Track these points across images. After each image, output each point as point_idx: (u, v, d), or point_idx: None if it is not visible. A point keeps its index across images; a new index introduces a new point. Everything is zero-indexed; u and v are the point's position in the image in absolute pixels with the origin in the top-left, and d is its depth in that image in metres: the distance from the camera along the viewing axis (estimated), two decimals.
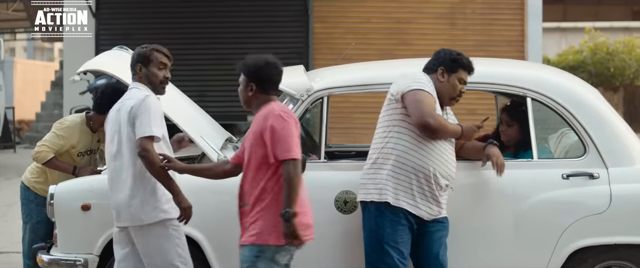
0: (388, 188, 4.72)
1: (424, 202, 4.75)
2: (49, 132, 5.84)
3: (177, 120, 5.24)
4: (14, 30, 25.40)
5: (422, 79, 4.80)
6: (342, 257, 5.08)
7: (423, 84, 4.75)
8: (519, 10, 15.00)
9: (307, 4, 14.42)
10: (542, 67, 6.51)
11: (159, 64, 4.82)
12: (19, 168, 5.91)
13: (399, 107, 4.75)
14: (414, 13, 14.98)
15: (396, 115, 4.77)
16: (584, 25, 25.57)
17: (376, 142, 4.85)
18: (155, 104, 4.71)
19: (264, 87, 4.48)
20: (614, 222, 4.99)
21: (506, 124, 5.47)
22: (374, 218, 4.75)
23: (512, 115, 5.43)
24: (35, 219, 5.87)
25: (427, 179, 4.72)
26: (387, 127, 4.80)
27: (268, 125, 4.30)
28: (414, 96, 4.69)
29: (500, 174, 4.88)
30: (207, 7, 14.32)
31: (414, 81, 4.76)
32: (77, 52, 13.80)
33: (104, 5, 14.44)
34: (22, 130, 22.39)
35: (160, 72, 4.83)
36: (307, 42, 14.52)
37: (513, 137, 5.45)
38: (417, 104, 4.66)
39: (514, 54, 14.57)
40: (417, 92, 4.70)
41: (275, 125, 4.29)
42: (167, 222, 4.74)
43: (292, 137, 4.29)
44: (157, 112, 4.71)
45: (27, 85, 26.95)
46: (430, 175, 4.72)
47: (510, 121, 5.45)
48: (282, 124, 4.29)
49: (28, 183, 5.91)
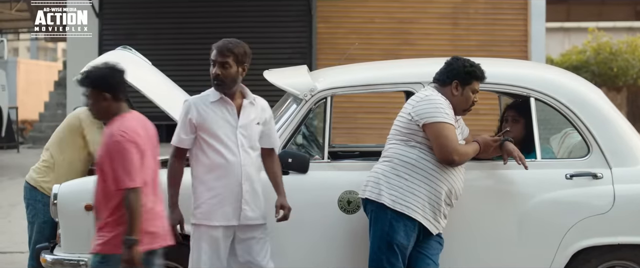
0: (415, 204, 4.72)
1: (437, 217, 4.80)
2: (94, 129, 5.70)
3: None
4: (17, 30, 25.46)
5: (442, 106, 4.75)
6: (345, 256, 5.07)
7: (445, 114, 4.72)
8: (522, 10, 15.00)
9: (311, 4, 14.44)
10: (546, 67, 6.51)
11: (211, 62, 4.80)
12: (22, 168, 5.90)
13: (420, 131, 4.75)
14: (417, 13, 14.99)
15: (418, 136, 4.77)
16: (588, 25, 25.53)
17: (398, 150, 4.80)
18: (183, 110, 4.80)
19: (117, 94, 4.36)
20: (618, 222, 4.98)
21: (513, 120, 5.43)
22: (389, 220, 4.74)
23: (519, 111, 5.39)
24: (41, 219, 5.79)
25: (448, 196, 4.79)
26: (408, 141, 4.78)
27: (106, 151, 4.23)
28: (438, 131, 4.69)
29: (526, 167, 4.89)
30: (211, 7, 14.35)
31: (436, 110, 4.73)
32: (80, 52, 13.82)
33: (108, 5, 14.47)
34: (26, 130, 22.41)
35: (212, 69, 4.79)
36: (310, 42, 14.54)
37: (518, 134, 5.40)
38: (441, 140, 4.68)
39: (517, 54, 14.58)
40: (441, 126, 4.69)
41: (112, 150, 4.21)
42: (195, 227, 4.80)
43: (131, 163, 4.20)
44: (182, 117, 4.80)
45: (30, 85, 26.96)
46: (451, 194, 4.79)
47: (518, 116, 5.41)
48: (119, 147, 4.19)
49: (34, 183, 5.86)
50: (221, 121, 4.74)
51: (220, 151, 4.72)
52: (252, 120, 4.78)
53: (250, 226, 4.79)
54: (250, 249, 4.81)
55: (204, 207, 4.75)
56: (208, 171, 4.75)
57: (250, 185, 4.75)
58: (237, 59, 4.73)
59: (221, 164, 4.71)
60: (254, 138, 4.79)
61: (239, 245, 4.81)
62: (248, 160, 4.74)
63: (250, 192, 4.75)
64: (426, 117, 4.72)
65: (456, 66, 4.87)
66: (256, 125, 4.80)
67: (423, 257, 4.86)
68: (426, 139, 4.75)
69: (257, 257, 4.80)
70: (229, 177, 4.71)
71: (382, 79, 5.40)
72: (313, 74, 5.82)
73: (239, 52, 4.74)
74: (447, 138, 4.68)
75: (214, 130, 4.74)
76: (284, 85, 5.29)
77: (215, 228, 4.76)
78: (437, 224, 4.82)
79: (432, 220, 4.79)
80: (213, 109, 4.76)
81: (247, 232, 4.79)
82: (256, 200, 4.79)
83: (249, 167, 4.74)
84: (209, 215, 4.75)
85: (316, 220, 5.02)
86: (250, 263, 4.82)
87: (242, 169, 4.71)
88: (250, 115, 4.79)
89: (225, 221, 4.74)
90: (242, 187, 4.72)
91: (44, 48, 42.42)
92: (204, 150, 4.76)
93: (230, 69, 4.72)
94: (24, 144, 20.07)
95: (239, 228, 4.77)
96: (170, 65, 12.65)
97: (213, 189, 4.73)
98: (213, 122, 4.74)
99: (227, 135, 4.73)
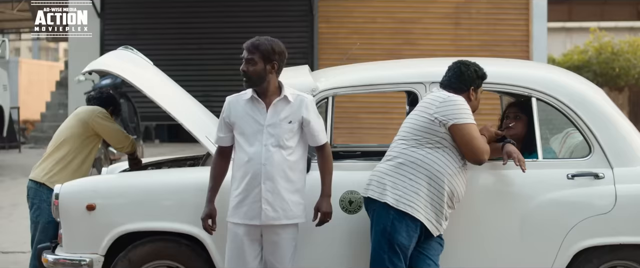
0: (418, 204, 4.73)
1: (439, 219, 4.81)
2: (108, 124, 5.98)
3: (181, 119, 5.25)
4: (18, 30, 25.47)
5: (466, 108, 4.80)
6: (346, 256, 5.07)
7: (470, 115, 4.80)
8: (524, 10, 15.00)
9: (312, 4, 14.44)
10: (547, 67, 6.50)
11: (242, 59, 4.81)
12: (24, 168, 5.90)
13: (442, 131, 4.77)
14: (419, 13, 15.00)
15: (438, 136, 4.77)
16: (589, 25, 25.53)
17: (405, 150, 4.81)
18: (223, 108, 4.88)
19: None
20: (619, 222, 4.98)
21: (514, 117, 5.42)
22: (391, 220, 4.75)
23: (521, 108, 5.39)
24: (46, 219, 5.78)
25: (450, 198, 4.81)
26: (421, 141, 4.79)
27: None
28: (469, 132, 4.75)
29: (524, 169, 4.90)
30: (212, 7, 14.35)
31: (461, 111, 4.77)
32: (82, 52, 13.84)
33: (109, 5, 14.48)
34: (27, 130, 22.42)
35: (242, 66, 4.80)
36: (312, 42, 14.54)
37: (519, 133, 5.38)
38: (472, 140, 4.74)
39: (518, 54, 14.58)
40: (470, 127, 4.76)
41: None
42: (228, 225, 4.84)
43: None
44: (221, 116, 4.88)
45: (32, 85, 27.00)
46: (453, 196, 4.81)
47: (520, 114, 5.39)
48: None
49: (42, 181, 5.86)
50: (249, 119, 4.76)
51: (246, 149, 4.75)
52: (282, 119, 4.76)
53: (275, 226, 4.77)
54: (274, 251, 4.80)
55: (231, 204, 4.79)
56: (237, 169, 4.79)
57: (273, 184, 4.73)
58: (263, 56, 4.74)
59: (245, 163, 4.74)
60: (283, 136, 4.75)
61: (265, 245, 4.82)
62: (272, 159, 4.71)
63: (272, 191, 4.73)
64: (455, 118, 4.74)
65: (469, 73, 4.92)
66: (288, 123, 4.76)
67: (423, 257, 4.86)
68: (444, 140, 4.77)
69: (278, 258, 4.80)
70: (251, 175, 4.72)
71: (384, 79, 5.40)
72: (314, 74, 5.83)
73: (265, 49, 4.74)
74: (478, 139, 4.77)
75: (242, 128, 4.77)
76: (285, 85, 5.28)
77: (237, 226, 4.78)
78: (438, 226, 4.82)
79: (434, 221, 4.78)
80: (244, 107, 4.79)
81: (273, 233, 4.78)
82: (280, 200, 4.75)
83: (272, 167, 4.72)
84: (232, 212, 4.79)
85: None
86: (271, 264, 4.83)
87: (263, 168, 4.71)
88: (280, 114, 4.77)
89: (247, 220, 4.75)
90: (262, 186, 4.72)
91: (46, 48, 42.46)
92: (237, 148, 4.81)
93: (255, 65, 4.73)
94: (26, 144, 20.07)
95: (265, 228, 4.77)
96: (172, 65, 12.66)
97: (239, 187, 4.76)
98: (242, 120, 4.77)
99: (254, 134, 4.75)
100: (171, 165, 6.33)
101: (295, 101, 4.80)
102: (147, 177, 5.64)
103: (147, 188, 5.26)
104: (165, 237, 5.17)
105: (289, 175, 4.77)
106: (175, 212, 5.02)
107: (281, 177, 4.74)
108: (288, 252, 4.81)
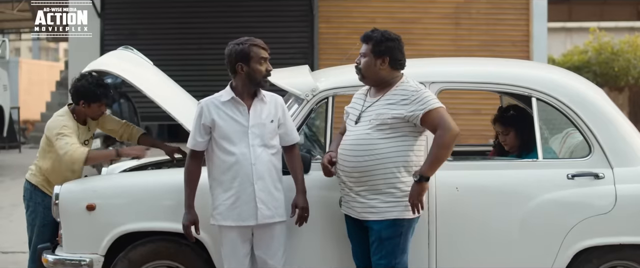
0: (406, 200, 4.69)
1: None
2: (60, 138, 5.50)
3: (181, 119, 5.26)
4: (19, 30, 25.46)
5: (429, 93, 4.72)
6: (346, 257, 5.07)
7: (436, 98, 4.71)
8: (524, 10, 14.98)
9: (312, 4, 14.43)
10: (548, 67, 6.51)
11: (260, 60, 4.80)
12: (24, 168, 5.89)
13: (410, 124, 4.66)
14: (419, 13, 14.98)
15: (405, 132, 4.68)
16: (589, 25, 25.51)
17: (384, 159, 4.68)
18: (196, 112, 4.83)
19: None
20: (619, 222, 4.98)
21: (502, 133, 5.57)
22: (406, 234, 4.72)
23: (504, 123, 5.55)
24: (41, 222, 5.71)
25: None
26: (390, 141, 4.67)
27: None
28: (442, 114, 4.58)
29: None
30: (212, 7, 14.34)
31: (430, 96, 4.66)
32: (82, 52, 13.81)
33: (109, 5, 14.46)
34: (27, 130, 22.45)
35: (262, 66, 4.81)
36: (312, 42, 14.53)
37: (513, 142, 5.53)
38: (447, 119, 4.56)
39: (518, 54, 14.57)
40: (442, 110, 4.61)
41: None
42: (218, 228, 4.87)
43: None
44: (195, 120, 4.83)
45: (32, 85, 27.00)
46: None
47: (505, 130, 5.58)
48: None
49: (37, 183, 5.79)
50: (232, 121, 4.77)
51: (231, 151, 4.75)
52: (264, 119, 4.80)
53: (270, 224, 4.82)
54: (267, 247, 4.84)
55: (221, 208, 4.80)
56: (223, 172, 4.78)
57: (264, 183, 4.76)
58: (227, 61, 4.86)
59: (233, 164, 4.74)
60: (267, 136, 4.79)
61: (256, 242, 4.84)
62: (260, 158, 4.75)
63: (265, 190, 4.76)
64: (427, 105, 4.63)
65: (391, 41, 4.99)
66: (270, 123, 4.81)
67: None
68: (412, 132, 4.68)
69: (271, 255, 4.84)
70: (242, 176, 4.74)
71: None
72: (315, 74, 5.83)
73: (225, 54, 4.86)
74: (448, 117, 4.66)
75: (225, 131, 4.76)
76: (285, 85, 5.29)
77: (230, 229, 4.80)
78: None
79: None
80: (224, 109, 4.79)
81: (265, 231, 4.83)
82: (272, 198, 4.80)
83: (262, 166, 4.75)
84: (224, 215, 4.79)
85: (318, 220, 5.02)
86: (263, 262, 4.86)
87: (253, 168, 4.73)
88: (261, 114, 4.80)
89: (240, 221, 4.77)
90: (254, 186, 4.74)
91: (46, 48, 42.46)
92: (217, 151, 4.79)
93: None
94: (26, 144, 20.10)
95: (257, 227, 4.80)
96: (172, 65, 12.64)
97: (229, 190, 4.77)
98: (224, 123, 4.76)
99: (238, 135, 4.75)
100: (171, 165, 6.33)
101: (270, 101, 4.86)
102: (147, 177, 5.64)
103: (147, 188, 5.27)
104: (165, 237, 5.18)
105: (274, 174, 4.84)
106: (175, 212, 5.02)
107: (269, 175, 4.80)
108: (281, 248, 4.87)
